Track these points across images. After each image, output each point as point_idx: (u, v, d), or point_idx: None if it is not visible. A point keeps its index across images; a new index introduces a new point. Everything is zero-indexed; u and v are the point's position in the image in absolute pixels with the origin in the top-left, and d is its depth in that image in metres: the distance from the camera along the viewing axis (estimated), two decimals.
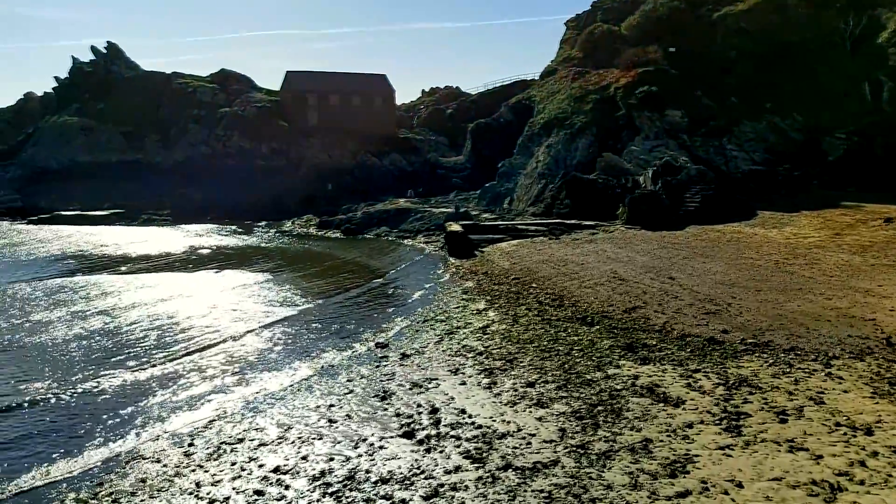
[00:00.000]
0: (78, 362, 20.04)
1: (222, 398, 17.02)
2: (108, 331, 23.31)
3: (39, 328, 23.69)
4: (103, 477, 12.96)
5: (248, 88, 77.76)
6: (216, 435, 14.71)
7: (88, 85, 76.81)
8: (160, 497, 12.06)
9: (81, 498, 12.14)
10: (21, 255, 40.23)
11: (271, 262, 36.87)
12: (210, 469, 13.09)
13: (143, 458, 13.73)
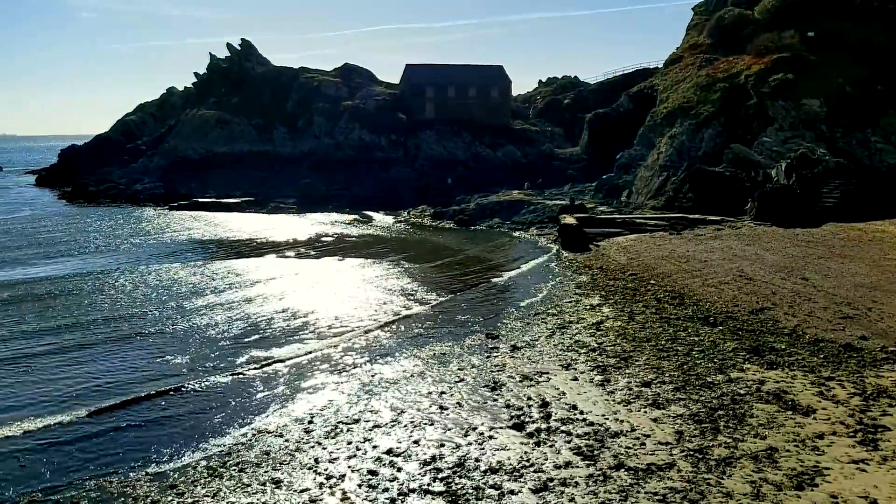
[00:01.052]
0: (213, 344, 21.53)
1: (340, 380, 17.73)
2: (240, 315, 24.84)
3: (180, 312, 25.61)
4: (231, 447, 13.88)
5: (368, 82, 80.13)
6: (334, 415, 15.36)
7: (224, 80, 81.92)
8: (282, 470, 12.76)
9: (212, 466, 13.04)
10: (165, 239, 43.57)
11: (388, 250, 37.88)
12: (328, 447, 13.69)
13: (268, 432, 14.58)
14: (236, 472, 12.75)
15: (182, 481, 12.42)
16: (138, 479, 12.57)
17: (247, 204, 59.79)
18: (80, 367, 18.79)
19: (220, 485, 12.24)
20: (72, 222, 51.72)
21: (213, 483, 12.32)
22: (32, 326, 22.71)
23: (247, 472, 12.73)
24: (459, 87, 73.47)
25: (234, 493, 11.94)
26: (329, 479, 12.34)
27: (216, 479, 12.46)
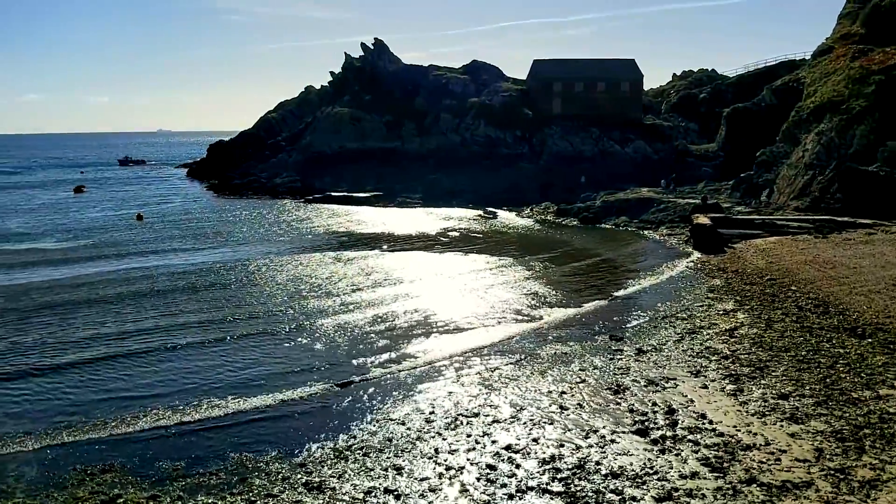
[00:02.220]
0: (343, 336, 22.51)
1: (460, 374, 17.97)
2: (370, 308, 25.68)
3: (316, 305, 26.93)
4: (356, 433, 14.46)
5: (496, 78, 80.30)
6: (454, 407, 15.61)
7: (358, 78, 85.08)
8: (403, 457, 13.14)
9: (338, 448, 13.65)
10: (303, 231, 45.99)
11: (511, 247, 37.86)
12: (447, 438, 13.94)
13: (391, 419, 15.06)
14: (360, 455, 13.27)
15: (310, 461, 13.10)
16: (271, 458, 13.38)
17: (375, 198, 61.87)
18: (224, 359, 19.79)
19: (346, 467, 12.80)
20: (218, 213, 55.79)
21: (339, 465, 12.90)
22: (186, 319, 23.70)
23: (370, 457, 13.22)
24: (588, 82, 71.95)
25: (357, 475, 12.44)
26: (448, 469, 12.56)
27: (341, 462, 13.04)
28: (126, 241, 40.89)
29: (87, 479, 12.58)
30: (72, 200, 67.90)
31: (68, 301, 25.74)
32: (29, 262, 34.62)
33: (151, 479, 12.56)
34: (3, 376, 17.90)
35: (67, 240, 41.94)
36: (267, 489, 12.02)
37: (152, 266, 32.93)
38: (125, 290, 27.80)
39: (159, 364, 18.97)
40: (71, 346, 20.39)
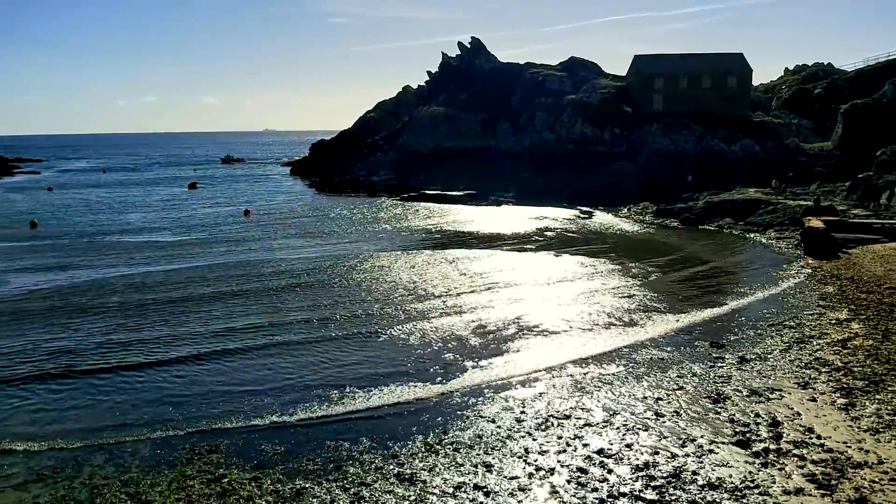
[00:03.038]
0: (439, 333, 22.81)
1: (552, 375, 17.82)
2: (465, 307, 25.92)
3: (413, 303, 27.43)
4: (447, 426, 14.64)
5: (594, 75, 78.82)
6: (545, 407, 15.51)
7: (454, 77, 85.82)
8: (493, 455, 13.19)
9: (429, 442, 13.87)
10: (400, 227, 46.98)
11: (608, 248, 37.06)
12: (538, 438, 13.88)
13: (482, 416, 15.14)
14: (451, 451, 13.43)
15: (402, 454, 13.38)
16: (365, 448, 13.76)
17: (468, 197, 62.23)
18: (324, 357, 20.23)
19: (436, 461, 12.99)
20: (319, 210, 57.78)
21: (430, 458, 13.11)
22: (291, 317, 24.12)
23: (460, 452, 13.36)
24: (692, 78, 69.34)
25: (448, 470, 12.60)
26: (538, 470, 12.51)
27: (432, 455, 13.24)
28: (234, 236, 43.06)
29: (195, 458, 13.39)
30: (186, 196, 72.21)
31: (181, 298, 26.62)
32: (146, 255, 37.10)
33: (253, 461, 13.22)
34: (121, 367, 19.19)
35: (181, 233, 44.67)
36: (360, 478, 12.39)
37: (258, 260, 34.48)
38: (233, 285, 28.94)
39: (263, 360, 19.47)
40: (181, 340, 21.31)
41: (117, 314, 24.19)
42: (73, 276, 30.96)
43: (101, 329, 22.33)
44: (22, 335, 21.67)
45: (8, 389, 17.21)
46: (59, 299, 26.40)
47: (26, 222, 50.25)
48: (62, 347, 20.36)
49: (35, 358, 19.53)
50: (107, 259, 35.11)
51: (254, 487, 12.15)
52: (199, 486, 12.20)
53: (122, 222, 50.86)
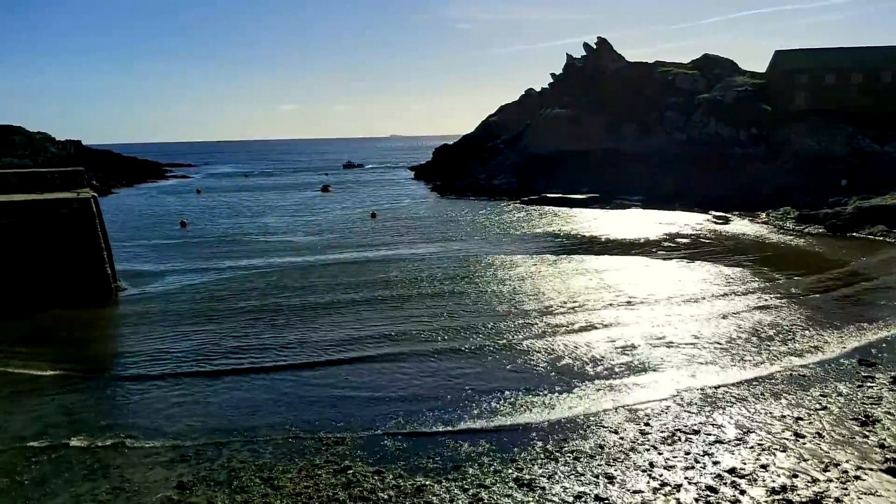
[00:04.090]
0: (565, 343, 22.54)
1: (680, 388, 17.05)
2: (588, 315, 25.46)
3: (533, 311, 27.31)
4: (567, 434, 14.39)
5: (729, 73, 74.72)
6: (672, 421, 14.88)
7: (579, 79, 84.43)
8: (615, 466, 12.82)
9: (548, 449, 13.69)
10: (522, 231, 46.84)
11: (747, 257, 34.66)
12: (664, 452, 13.33)
13: (603, 426, 14.76)
14: (571, 459, 13.19)
15: (521, 458, 13.30)
16: (484, 451, 13.80)
17: (591, 200, 60.97)
18: (450, 366, 20.71)
19: (556, 468, 12.81)
20: (441, 212, 58.78)
21: (549, 465, 12.95)
22: (419, 326, 24.32)
23: (581, 461, 13.09)
24: (840, 73, 64.06)
25: (567, 478, 12.38)
26: (664, 485, 12.02)
27: (552, 462, 13.07)
28: (362, 238, 44.65)
29: (322, 449, 13.99)
30: (319, 199, 75.87)
31: (312, 304, 26.52)
32: (282, 254, 39.30)
33: (376, 455, 13.63)
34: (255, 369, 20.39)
35: (314, 234, 46.95)
36: (479, 479, 12.45)
37: (384, 262, 35.39)
38: (361, 288, 29.46)
39: (391, 368, 19.33)
40: (312, 345, 21.64)
41: (255, 316, 25.30)
42: (217, 272, 33.37)
43: (239, 331, 23.34)
44: (168, 335, 23.28)
45: (158, 382, 18.71)
46: (203, 299, 28.24)
47: (178, 222, 54.81)
48: (204, 348, 21.71)
49: (179, 356, 21.07)
50: (246, 258, 37.48)
51: (376, 481, 12.53)
52: (325, 476, 12.75)
53: (261, 223, 54.19)
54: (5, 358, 20.41)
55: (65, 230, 27.68)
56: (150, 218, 58.91)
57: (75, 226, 27.93)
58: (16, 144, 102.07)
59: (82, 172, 34.39)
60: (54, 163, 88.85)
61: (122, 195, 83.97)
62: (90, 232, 28.30)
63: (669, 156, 66.38)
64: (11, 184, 31.77)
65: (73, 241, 27.78)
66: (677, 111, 70.49)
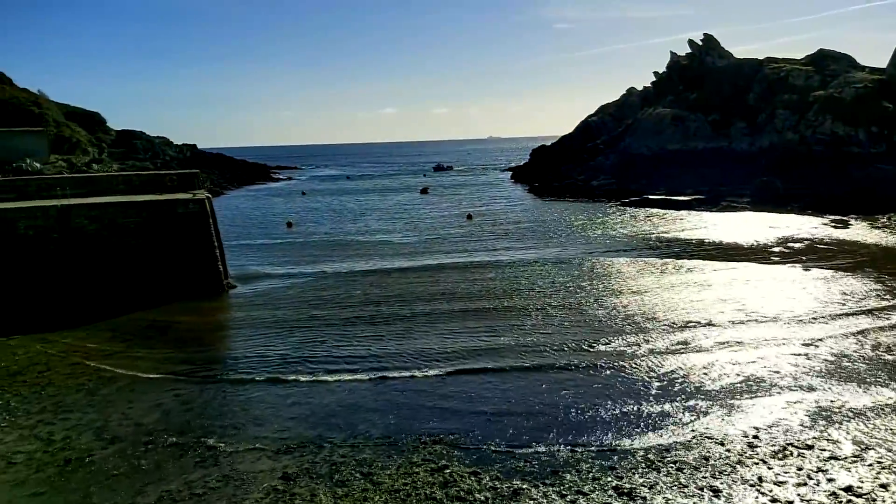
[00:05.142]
0: (667, 333, 21.90)
1: (792, 399, 16.15)
2: (696, 321, 24.57)
3: (636, 308, 26.68)
4: (671, 444, 13.93)
5: (847, 68, 69.95)
6: (783, 434, 14.11)
7: (683, 77, 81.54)
8: (721, 479, 12.30)
9: (650, 458, 13.31)
10: (622, 234, 45.72)
11: (868, 264, 32.03)
12: (773, 467, 12.68)
13: (709, 437, 14.18)
14: (673, 469, 12.77)
15: (621, 466, 13.00)
16: (583, 457, 13.58)
17: (696, 202, 58.68)
18: (550, 383, 20.59)
19: (658, 478, 12.43)
20: (538, 214, 58.41)
21: (651, 475, 12.58)
22: (512, 339, 24.15)
23: (684, 472, 12.64)
24: None
25: (670, 489, 12.00)
26: (774, 501, 11.43)
27: (653, 472, 12.69)
28: (458, 239, 45.05)
29: (420, 447, 14.22)
30: (418, 200, 77.22)
31: (411, 313, 25.62)
32: (383, 255, 40.29)
33: (473, 456, 13.71)
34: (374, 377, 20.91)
35: (412, 235, 47.83)
36: (577, 486, 12.27)
37: (482, 265, 35.23)
38: (458, 293, 28.80)
39: (492, 381, 18.85)
40: (415, 355, 20.87)
41: (357, 319, 25.39)
42: (320, 272, 34.57)
43: (342, 335, 23.35)
44: (273, 333, 24.14)
45: (263, 380, 19.51)
46: (307, 299, 28.95)
47: (284, 222, 57.31)
48: (307, 348, 22.18)
49: (283, 355, 21.82)
50: (349, 259, 38.66)
51: (473, 482, 12.60)
52: (423, 474, 12.95)
53: (362, 224, 55.77)
54: (125, 350, 22.02)
55: (181, 229, 29.51)
56: (258, 218, 61.90)
57: (191, 225, 29.72)
58: (138, 148, 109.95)
59: (197, 174, 36.62)
60: (172, 165, 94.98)
61: (233, 196, 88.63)
62: (204, 231, 30.04)
63: (780, 156, 63.04)
64: (134, 185, 34.29)
65: (189, 240, 29.58)
66: (790, 109, 66.78)
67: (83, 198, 30.72)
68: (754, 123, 69.14)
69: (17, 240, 27.24)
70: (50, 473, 13.41)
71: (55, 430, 15.48)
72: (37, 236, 27.50)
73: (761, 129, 68.09)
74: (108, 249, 28.37)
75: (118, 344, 22.60)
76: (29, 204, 29.01)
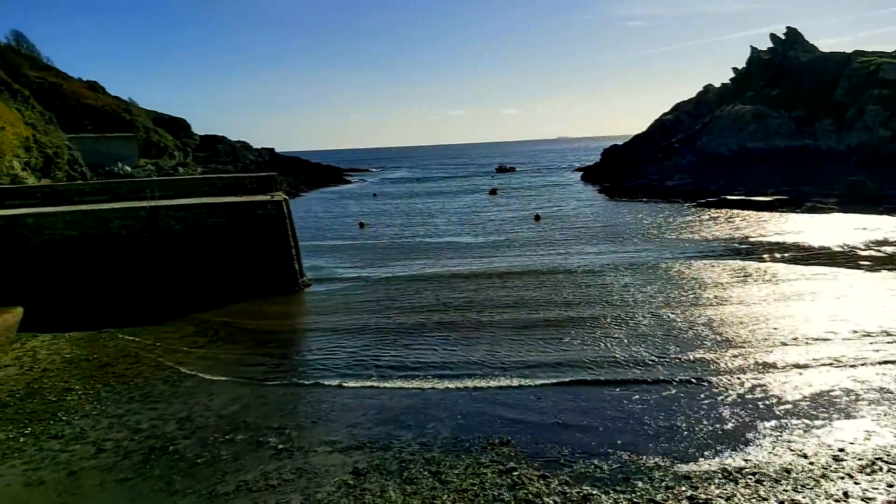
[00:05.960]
0: (748, 343, 21.15)
1: (881, 411, 15.28)
2: (780, 324, 23.62)
3: (718, 319, 25.84)
4: (749, 455, 13.42)
5: None
6: (872, 450, 13.36)
7: (764, 72, 78.40)
8: (803, 493, 11.76)
9: (727, 468, 12.86)
10: (702, 236, 44.35)
11: None
12: (861, 482, 12.04)
13: (791, 449, 13.59)
14: (752, 482, 12.30)
15: (696, 475, 12.62)
16: (655, 464, 13.26)
17: (778, 202, 56.26)
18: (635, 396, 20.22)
19: (735, 490, 12.00)
20: (609, 215, 57.31)
21: (727, 486, 12.16)
22: (582, 354, 24.28)
23: (763, 485, 12.16)
24: None
25: (748, 502, 11.56)
26: None
27: (730, 483, 12.26)
28: (526, 241, 44.76)
29: (488, 448, 14.21)
30: (486, 202, 77.21)
31: (479, 321, 24.83)
32: (451, 256, 40.50)
33: (541, 459, 13.59)
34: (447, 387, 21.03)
35: (481, 236, 47.85)
36: (649, 494, 11.98)
37: (551, 269, 34.63)
38: (527, 301, 28.49)
39: (566, 395, 19.26)
40: (485, 364, 21.17)
41: (427, 321, 25.61)
42: (392, 273, 35.06)
43: (412, 338, 23.35)
44: (345, 330, 24.76)
45: (335, 378, 20.08)
46: (379, 298, 29.43)
47: (356, 223, 58.42)
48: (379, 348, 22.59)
49: (354, 354, 22.42)
50: (418, 259, 39.06)
51: (542, 485, 12.50)
52: (491, 475, 12.94)
53: (431, 225, 56.21)
54: (206, 345, 22.97)
55: (260, 229, 30.52)
56: (332, 220, 63.35)
57: (269, 225, 30.70)
58: (220, 152, 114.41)
59: (275, 177, 37.81)
60: (251, 169, 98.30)
61: (308, 198, 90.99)
62: (282, 231, 30.97)
63: (871, 154, 59.81)
64: (216, 187, 35.77)
65: (267, 240, 30.57)
66: (882, 104, 63.25)
67: (170, 199, 32.25)
68: (842, 120, 65.80)
69: (111, 238, 28.84)
70: (136, 461, 14.13)
71: (142, 420, 16.31)
72: (128, 235, 29.04)
73: (850, 125, 64.73)
74: (193, 248, 29.65)
75: (201, 338, 23.61)
76: (121, 205, 30.70)
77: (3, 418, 16.53)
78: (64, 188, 35.85)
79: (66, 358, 21.41)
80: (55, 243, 28.26)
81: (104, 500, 12.62)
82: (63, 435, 15.45)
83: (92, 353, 21.85)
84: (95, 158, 70.42)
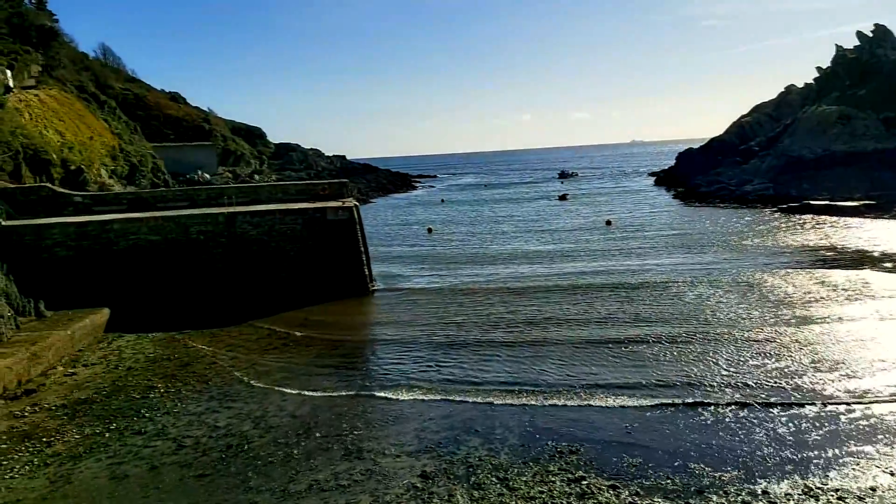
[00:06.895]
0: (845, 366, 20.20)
1: None
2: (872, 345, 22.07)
3: (804, 330, 24.71)
4: (830, 469, 12.78)
5: None
6: None
7: (850, 72, 74.61)
8: None
9: (808, 484, 12.29)
10: (784, 244, 42.36)
11: None
12: None
13: (878, 465, 12.81)
14: (834, 499, 11.72)
15: (773, 491, 12.14)
16: (731, 478, 12.79)
17: (865, 208, 53.38)
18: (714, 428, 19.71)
19: None
20: (683, 221, 55.78)
21: (808, 503, 11.61)
22: (659, 374, 23.89)
23: (846, 501, 11.55)
24: None
25: None
26: None
27: (811, 500, 11.74)
28: (596, 248, 44.01)
29: (557, 456, 14.05)
30: (555, 207, 76.50)
31: (549, 335, 23.84)
32: (519, 263, 40.29)
33: (611, 469, 13.33)
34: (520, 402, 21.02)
35: (549, 243, 47.39)
36: None
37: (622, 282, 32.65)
38: (599, 312, 27.28)
39: (633, 415, 19.35)
40: (556, 382, 21.75)
41: (495, 329, 25.68)
42: (459, 278, 35.23)
43: (481, 346, 23.20)
44: (415, 334, 25.17)
45: (404, 385, 20.30)
46: (447, 304, 29.55)
47: (425, 228, 58.99)
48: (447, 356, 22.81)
49: (423, 360, 22.67)
50: (487, 265, 39.11)
51: (611, 495, 12.26)
52: (559, 483, 12.79)
53: (499, 231, 56.10)
54: (280, 347, 23.65)
55: (332, 234, 31.23)
56: (401, 225, 64.17)
57: (341, 231, 31.38)
58: (293, 160, 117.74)
59: (346, 184, 38.68)
60: (323, 175, 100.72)
61: (378, 204, 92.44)
62: (353, 236, 31.60)
63: None
64: (290, 193, 36.90)
65: (339, 245, 31.25)
66: None
67: (246, 206, 33.43)
68: None
69: (190, 243, 30.13)
70: (214, 457, 14.68)
71: (220, 418, 16.94)
72: (207, 240, 30.27)
73: None
74: (268, 252, 30.64)
75: (276, 341, 24.35)
76: (200, 211, 32.03)
77: (91, 414, 17.49)
78: (148, 195, 37.80)
79: (149, 357, 22.48)
80: (139, 248, 29.75)
81: (183, 494, 13.17)
82: (146, 431, 16.22)
83: (173, 353, 22.86)
84: (177, 166, 73.70)
